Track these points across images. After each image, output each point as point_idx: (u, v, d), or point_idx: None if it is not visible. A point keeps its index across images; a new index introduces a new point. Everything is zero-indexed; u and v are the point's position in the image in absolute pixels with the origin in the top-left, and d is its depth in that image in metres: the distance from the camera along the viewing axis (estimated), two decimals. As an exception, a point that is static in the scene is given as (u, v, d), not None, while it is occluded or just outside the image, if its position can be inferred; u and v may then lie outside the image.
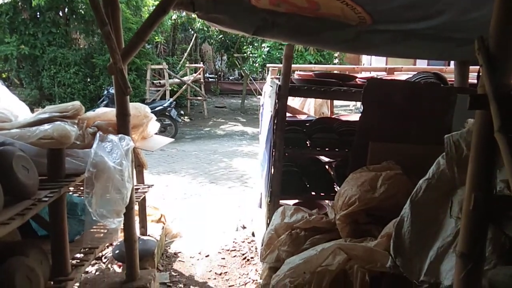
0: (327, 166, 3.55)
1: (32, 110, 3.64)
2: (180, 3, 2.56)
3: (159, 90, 11.51)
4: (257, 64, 12.16)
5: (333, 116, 4.00)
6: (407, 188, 2.46)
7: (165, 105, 9.63)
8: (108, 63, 2.60)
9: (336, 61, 13.57)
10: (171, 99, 10.31)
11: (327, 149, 3.04)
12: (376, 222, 2.42)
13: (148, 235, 3.75)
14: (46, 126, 2.32)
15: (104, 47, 10.71)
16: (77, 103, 2.69)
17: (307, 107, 4.66)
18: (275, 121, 2.94)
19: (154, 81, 11.37)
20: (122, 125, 2.71)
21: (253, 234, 4.33)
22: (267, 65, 4.20)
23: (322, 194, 3.16)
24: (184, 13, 13.99)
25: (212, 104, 15.08)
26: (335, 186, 3.22)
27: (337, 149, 3.03)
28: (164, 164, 7.75)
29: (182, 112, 12.71)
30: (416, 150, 2.73)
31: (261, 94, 15.15)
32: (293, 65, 4.71)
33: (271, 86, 3.40)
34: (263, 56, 11.61)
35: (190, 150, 8.99)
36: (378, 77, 3.27)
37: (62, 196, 2.12)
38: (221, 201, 5.77)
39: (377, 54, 3.20)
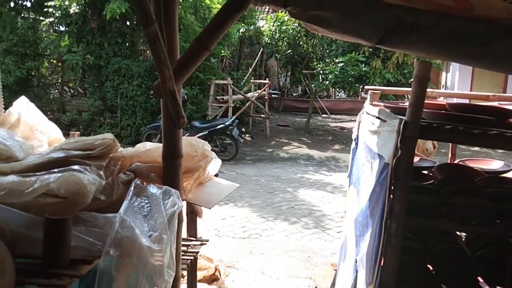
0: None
1: (67, 134, 2.95)
2: (266, -6, 1.67)
3: (221, 106, 10.88)
4: (327, 82, 11.13)
5: (457, 162, 2.89)
6: None
7: (227, 123, 8.90)
8: (155, 82, 1.77)
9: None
10: (234, 117, 9.58)
11: (472, 222, 1.98)
12: None
13: (198, 305, 2.87)
14: (51, 176, 1.50)
15: (169, 59, 10.28)
16: (108, 136, 1.87)
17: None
18: (396, 175, 1.92)
19: (218, 97, 10.75)
20: (170, 172, 1.86)
21: (332, 308, 3.30)
22: (366, 87, 3.19)
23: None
24: (252, 27, 13.39)
25: (274, 122, 14.21)
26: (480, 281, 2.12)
27: (489, 224, 1.96)
28: (222, 190, 6.93)
29: (243, 129, 11.98)
30: None
31: (326, 113, 14.12)
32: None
33: (379, 119, 2.39)
34: (336, 72, 10.57)
35: (251, 175, 8.13)
36: None
37: (57, 301, 1.26)
38: (288, 245, 4.79)
39: None
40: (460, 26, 1.58)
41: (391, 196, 1.96)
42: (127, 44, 10.67)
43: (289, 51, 13.71)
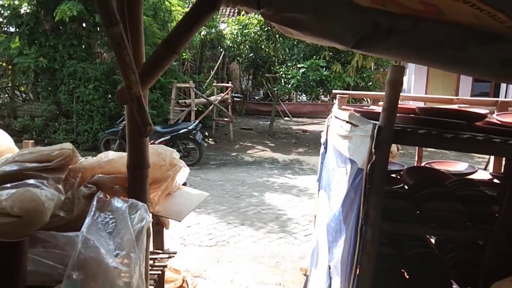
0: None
1: (19, 141, 2.73)
2: (238, -5, 1.59)
3: (184, 110, 10.67)
4: (290, 86, 11.20)
5: (424, 164, 2.93)
6: None
7: (190, 127, 8.72)
8: (119, 87, 1.64)
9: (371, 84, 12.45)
10: (197, 121, 9.41)
11: (446, 226, 1.99)
12: None
13: (166, 321, 2.73)
14: (3, 193, 1.35)
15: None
16: (67, 146, 1.72)
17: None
18: (371, 181, 1.89)
19: (180, 101, 10.54)
20: (136, 184, 1.73)
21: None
22: (334, 91, 3.18)
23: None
24: (213, 30, 13.27)
25: (238, 125, 14.14)
26: (453, 284, 2.13)
27: (461, 227, 1.97)
28: (187, 197, 6.76)
29: (206, 133, 11.81)
30: None
31: (288, 116, 14.24)
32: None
33: (350, 123, 2.37)
34: (298, 77, 10.65)
35: (216, 180, 8.00)
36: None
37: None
38: (256, 251, 4.71)
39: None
40: (437, 31, 1.57)
41: (366, 202, 1.94)
42: (83, 46, 10.24)
43: (251, 54, 13.73)
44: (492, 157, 3.00)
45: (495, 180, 2.61)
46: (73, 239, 1.36)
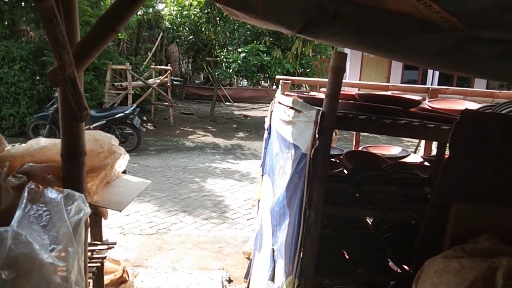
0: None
1: None
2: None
3: (120, 94, 10.20)
4: (231, 70, 11.12)
5: (361, 149, 3.04)
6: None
7: (127, 111, 8.36)
8: (51, 68, 1.51)
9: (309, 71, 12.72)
10: (134, 105, 9.05)
11: (383, 207, 2.08)
12: None
13: (106, 313, 2.63)
14: None
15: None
16: (-9, 132, 1.55)
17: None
18: (314, 166, 1.92)
19: (115, 83, 10.05)
20: (72, 173, 1.62)
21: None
22: (277, 77, 3.18)
23: (370, 274, 2.16)
24: (151, 9, 12.75)
25: (178, 110, 13.83)
26: (389, 262, 2.25)
27: (397, 208, 2.08)
28: (125, 184, 6.51)
29: (145, 118, 11.43)
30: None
31: (229, 101, 14.18)
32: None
33: (294, 109, 2.39)
34: (239, 62, 10.59)
35: (155, 166, 7.79)
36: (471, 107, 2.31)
37: None
38: (198, 237, 4.68)
39: (482, 75, 2.25)
40: (379, 19, 1.60)
41: (310, 186, 1.97)
42: (6, 23, 9.37)
43: (191, 37, 13.40)
44: (423, 142, 3.19)
45: (426, 163, 2.79)
46: (2, 235, 1.24)
